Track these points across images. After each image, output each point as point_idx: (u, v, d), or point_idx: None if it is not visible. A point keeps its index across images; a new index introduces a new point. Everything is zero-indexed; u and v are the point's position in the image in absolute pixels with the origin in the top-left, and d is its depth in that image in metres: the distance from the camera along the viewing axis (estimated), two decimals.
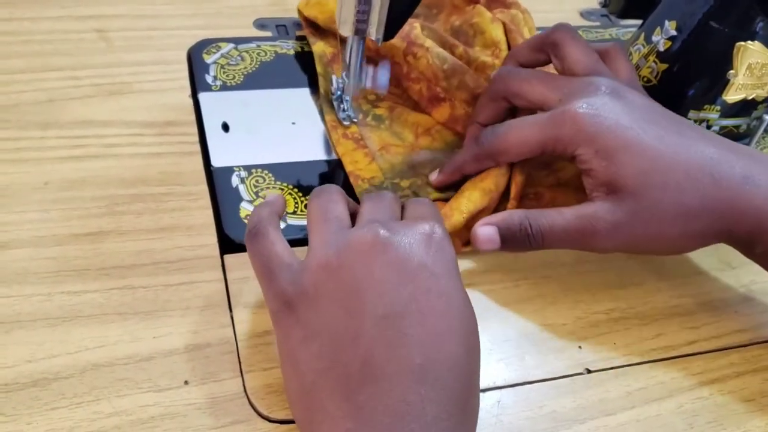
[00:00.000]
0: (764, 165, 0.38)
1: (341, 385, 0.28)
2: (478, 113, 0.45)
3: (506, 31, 0.53)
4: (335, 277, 0.30)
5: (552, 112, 0.39)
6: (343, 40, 0.44)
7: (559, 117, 0.39)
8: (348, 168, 0.45)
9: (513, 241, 0.39)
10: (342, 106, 0.49)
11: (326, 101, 0.49)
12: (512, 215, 0.39)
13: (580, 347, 0.38)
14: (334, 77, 0.49)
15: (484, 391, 0.36)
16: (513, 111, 0.44)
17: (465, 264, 0.42)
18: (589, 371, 0.37)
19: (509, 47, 0.52)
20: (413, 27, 0.50)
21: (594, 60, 0.43)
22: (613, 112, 0.38)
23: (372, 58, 0.49)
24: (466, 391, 0.29)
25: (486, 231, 0.39)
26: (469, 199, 0.42)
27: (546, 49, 0.44)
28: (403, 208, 0.35)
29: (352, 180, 0.45)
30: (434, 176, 0.45)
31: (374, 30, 0.42)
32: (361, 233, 0.30)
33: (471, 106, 0.48)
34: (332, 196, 0.34)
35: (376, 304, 0.29)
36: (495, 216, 0.39)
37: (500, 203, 0.43)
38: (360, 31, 0.42)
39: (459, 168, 0.44)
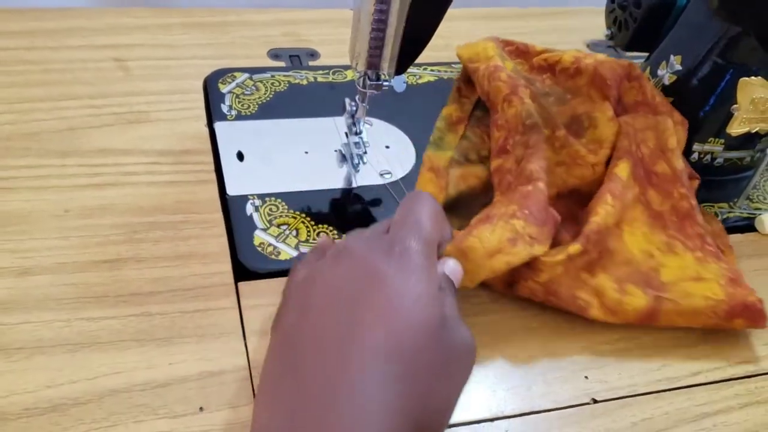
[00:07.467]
0: None
1: (278, 366, 0.31)
2: None
3: (619, 132, 0.49)
4: (303, 289, 0.33)
5: None
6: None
7: None
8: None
9: None
10: (354, 129, 0.49)
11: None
12: None
13: (586, 377, 0.39)
14: (347, 99, 0.50)
15: (492, 420, 0.36)
16: None
17: (472, 295, 0.42)
18: (595, 401, 0.38)
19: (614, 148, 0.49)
20: (525, 86, 0.51)
21: None
22: None
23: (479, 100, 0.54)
24: (393, 378, 0.29)
25: None
26: (493, 231, 0.39)
27: None
28: None
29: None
30: None
31: (386, 65, 0.43)
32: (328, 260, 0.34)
33: (518, 163, 0.47)
34: None
35: (323, 306, 0.31)
36: None
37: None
38: (373, 65, 0.43)
39: None
